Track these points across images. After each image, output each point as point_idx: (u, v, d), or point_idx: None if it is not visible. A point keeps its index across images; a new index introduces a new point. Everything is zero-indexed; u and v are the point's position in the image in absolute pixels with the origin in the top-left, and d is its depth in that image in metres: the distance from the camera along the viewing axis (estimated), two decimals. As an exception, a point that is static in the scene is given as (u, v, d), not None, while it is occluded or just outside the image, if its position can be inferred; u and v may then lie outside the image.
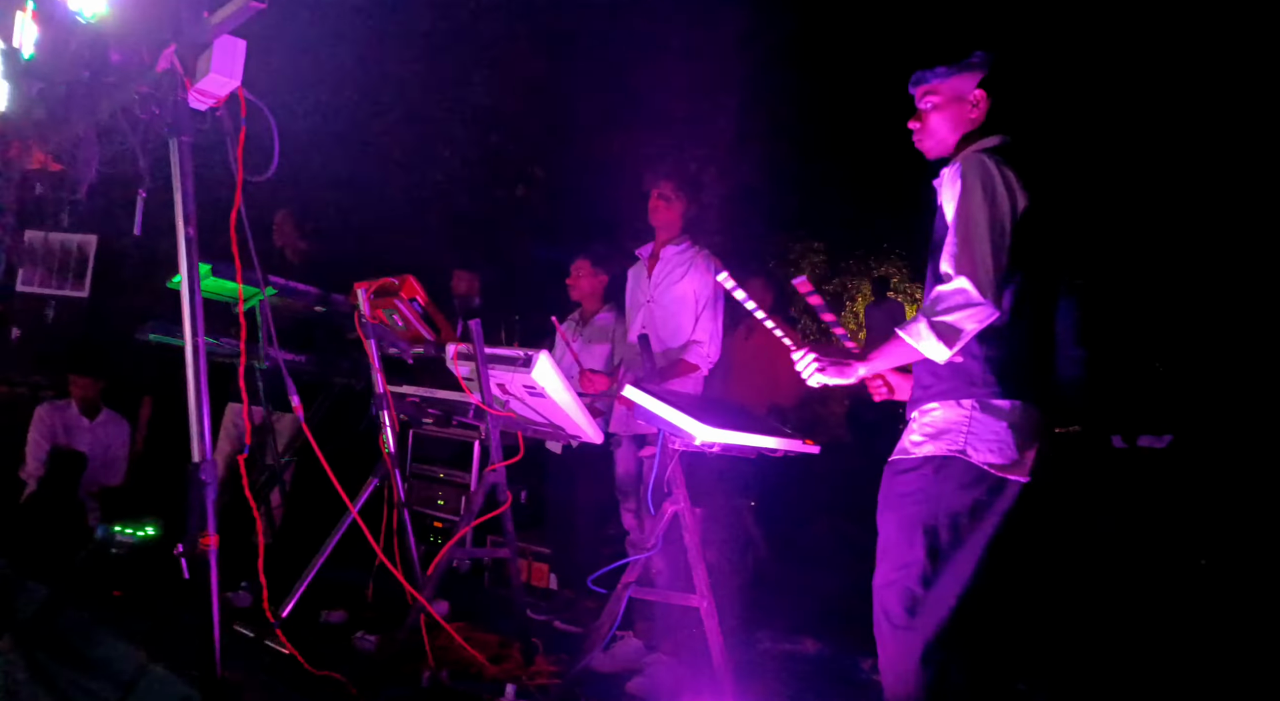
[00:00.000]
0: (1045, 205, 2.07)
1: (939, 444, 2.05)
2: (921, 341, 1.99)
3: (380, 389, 3.26)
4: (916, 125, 2.25)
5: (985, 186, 2.01)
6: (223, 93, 2.22)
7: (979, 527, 2.02)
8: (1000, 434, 2.01)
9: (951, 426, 2.04)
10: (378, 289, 3.38)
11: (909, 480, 2.07)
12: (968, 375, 2.03)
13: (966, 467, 2.01)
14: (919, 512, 2.03)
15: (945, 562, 2.01)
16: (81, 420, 4.51)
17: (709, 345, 3.59)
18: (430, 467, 5.15)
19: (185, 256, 2.10)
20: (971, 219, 2.00)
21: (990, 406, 2.02)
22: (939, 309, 1.97)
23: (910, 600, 2.01)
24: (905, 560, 2.03)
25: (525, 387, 3.10)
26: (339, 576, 4.07)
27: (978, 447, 2.01)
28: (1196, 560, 3.92)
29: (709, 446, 2.56)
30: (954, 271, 1.98)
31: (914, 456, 2.08)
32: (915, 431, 2.12)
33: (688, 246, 3.72)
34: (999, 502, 2.02)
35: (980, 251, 1.97)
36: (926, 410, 2.11)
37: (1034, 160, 2.12)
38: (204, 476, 2.02)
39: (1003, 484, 2.02)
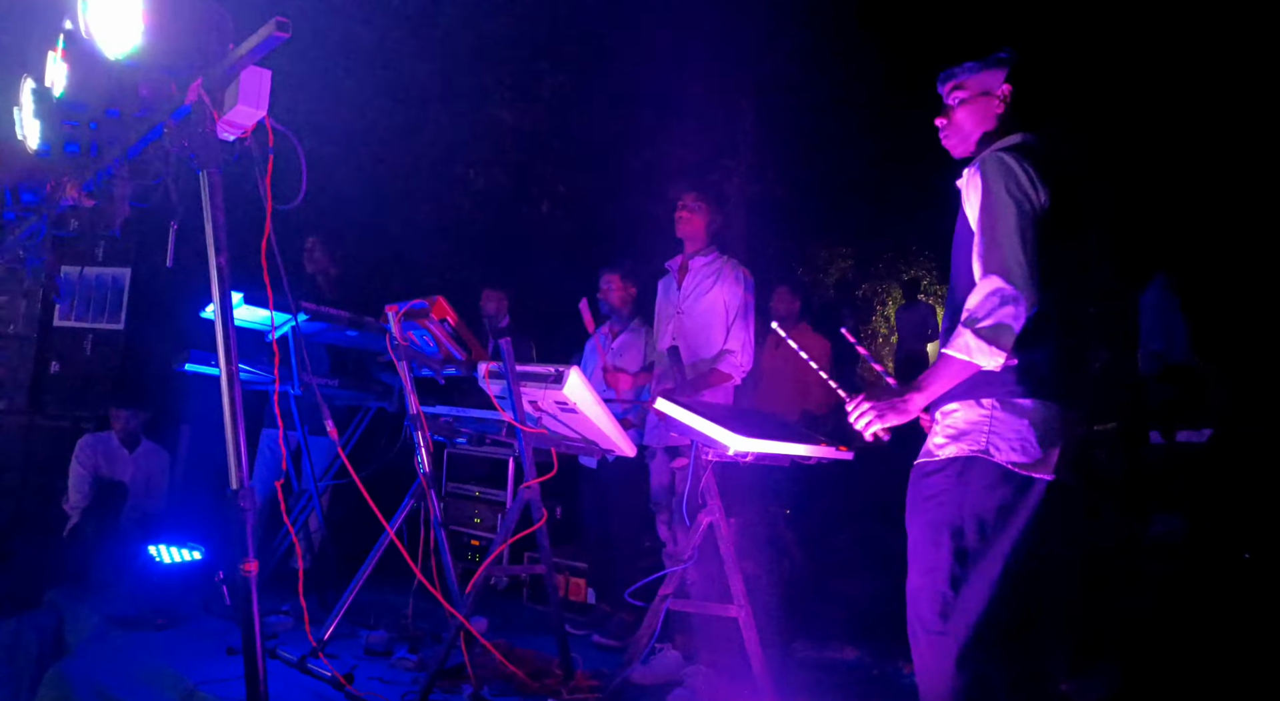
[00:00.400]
0: (1068, 202, 2.05)
1: (961, 445, 2.02)
2: (973, 354, 1.95)
3: (414, 410, 3.28)
4: (943, 122, 2.23)
5: (1008, 184, 1.99)
6: (250, 123, 2.25)
7: (1006, 528, 1.99)
8: (1022, 432, 1.98)
9: (973, 426, 2.02)
10: (408, 311, 3.40)
11: (934, 482, 2.05)
12: (987, 374, 1.99)
13: (990, 467, 1.98)
14: (945, 515, 2.01)
15: (974, 564, 1.99)
16: (122, 451, 4.59)
17: (742, 354, 3.58)
18: (466, 486, 5.17)
19: (218, 286, 2.13)
20: (997, 216, 1.98)
21: (1011, 404, 1.99)
22: (979, 315, 1.94)
23: (942, 603, 1.99)
24: (933, 563, 2.01)
25: (557, 403, 3.10)
26: (379, 597, 4.10)
27: (1000, 447, 1.98)
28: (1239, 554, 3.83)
29: (742, 456, 2.54)
30: (984, 270, 1.96)
31: (938, 458, 2.06)
32: (938, 433, 2.10)
33: (715, 256, 3.71)
34: (1025, 502, 2.00)
35: (1009, 247, 1.95)
36: (948, 411, 2.08)
37: (1057, 157, 2.10)
38: (243, 503, 2.03)
39: (1029, 482, 1.99)
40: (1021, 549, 2.00)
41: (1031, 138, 2.15)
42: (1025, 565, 2.01)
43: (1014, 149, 2.08)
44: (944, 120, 2.23)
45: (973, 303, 1.96)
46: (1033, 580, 2.05)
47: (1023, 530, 2.00)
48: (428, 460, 3.28)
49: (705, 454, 2.76)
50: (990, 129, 2.18)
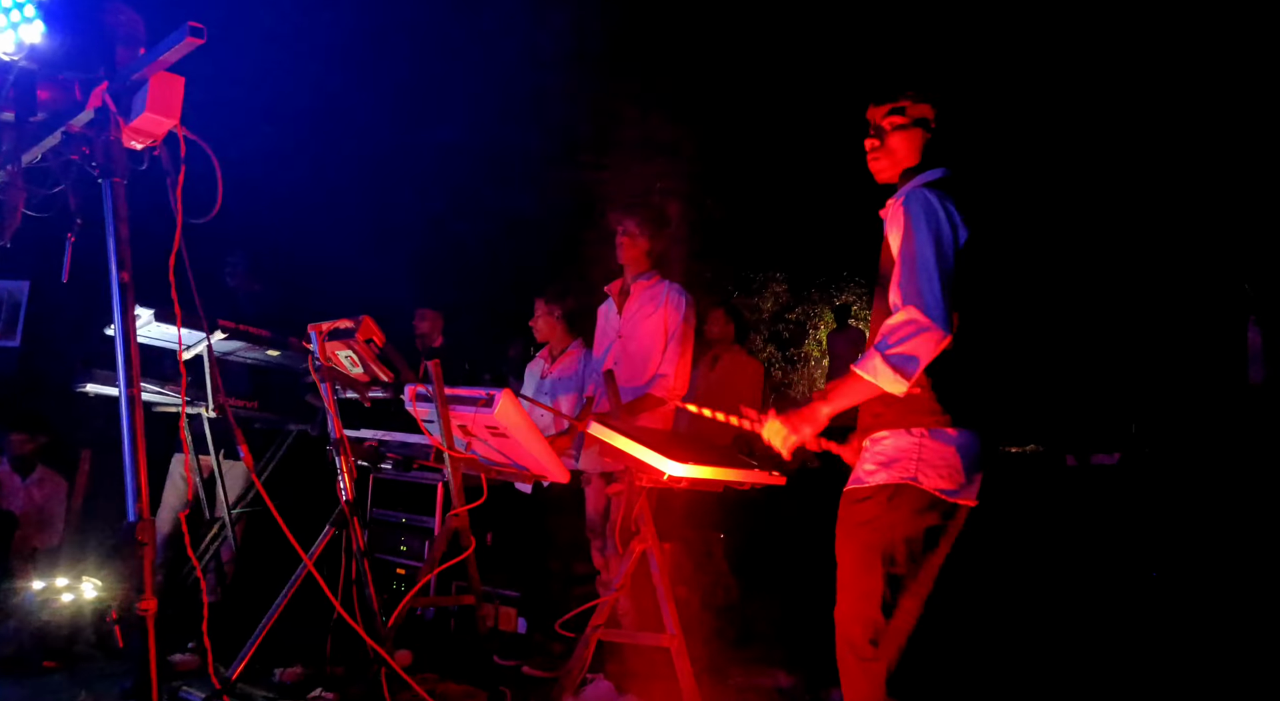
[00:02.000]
0: (986, 236, 2.12)
1: (891, 472, 2.07)
2: (879, 376, 2.00)
3: (336, 434, 3.14)
4: (876, 145, 2.27)
5: (929, 219, 2.06)
6: (160, 131, 2.13)
7: (934, 553, 2.07)
8: (949, 459, 2.04)
9: (902, 454, 2.06)
10: (333, 330, 3.27)
11: (864, 509, 2.09)
12: (916, 403, 2.06)
13: (919, 494, 2.04)
14: (875, 541, 2.05)
15: (904, 590, 2.04)
16: (14, 478, 4.27)
17: (675, 378, 3.54)
18: (392, 513, 4.99)
19: (118, 303, 1.99)
20: (916, 251, 2.04)
21: (939, 433, 2.05)
22: (891, 341, 1.99)
23: (873, 630, 2.02)
24: (865, 589, 2.05)
25: (488, 428, 3.01)
26: (296, 632, 3.91)
27: (928, 474, 2.03)
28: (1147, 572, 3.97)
29: (676, 481, 2.49)
30: (901, 301, 2.01)
31: (867, 485, 2.10)
32: (868, 460, 2.14)
33: (658, 281, 3.68)
34: (951, 527, 2.08)
35: (926, 280, 2.00)
36: (878, 438, 2.13)
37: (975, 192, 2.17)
38: (141, 536, 1.88)
39: (954, 509, 2.07)
40: (947, 573, 2.07)
41: (950, 174, 2.21)
42: (950, 589, 2.08)
43: (936, 184, 2.15)
44: (876, 142, 2.27)
45: (886, 329, 2.02)
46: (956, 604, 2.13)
47: (948, 555, 2.08)
48: (350, 486, 3.14)
49: (639, 479, 2.70)
50: (917, 160, 2.24)
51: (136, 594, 1.88)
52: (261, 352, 3.75)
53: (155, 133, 2.14)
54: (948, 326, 1.97)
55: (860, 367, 2.03)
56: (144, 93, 2.07)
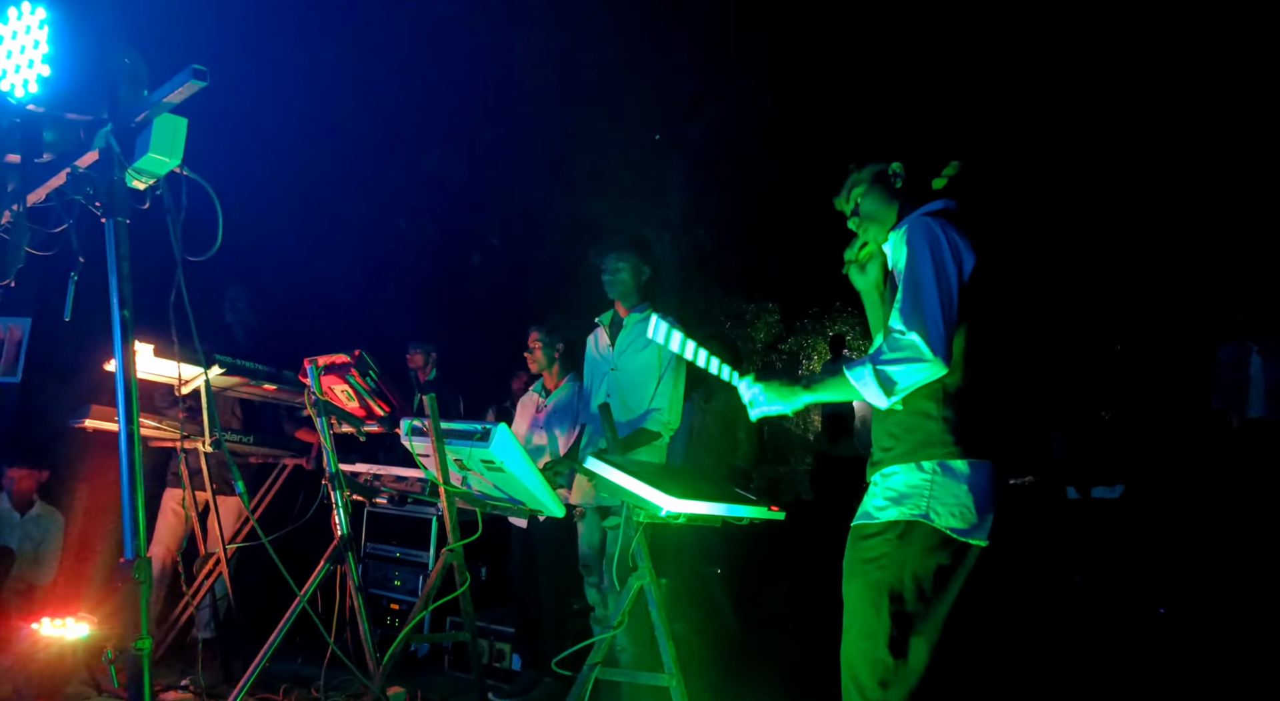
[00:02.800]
0: (995, 264, 2.11)
1: (902, 508, 2.03)
2: (865, 385, 2.01)
3: (332, 468, 3.14)
4: (856, 220, 2.30)
5: (932, 247, 2.05)
6: (162, 171, 2.16)
7: (944, 592, 2.02)
8: (961, 498, 2.01)
9: (914, 490, 2.03)
10: (328, 364, 3.28)
11: (873, 545, 2.05)
12: (926, 435, 2.03)
13: (930, 532, 2.00)
14: (885, 578, 2.01)
15: (913, 629, 1.99)
16: (12, 514, 4.24)
17: (669, 412, 3.55)
18: (386, 547, 4.97)
19: (120, 340, 2.01)
20: (920, 280, 2.03)
21: (951, 469, 2.02)
22: (886, 358, 1.99)
23: (881, 669, 1.97)
24: (873, 628, 1.99)
25: (483, 462, 3.01)
26: (290, 667, 3.87)
27: (940, 512, 2.00)
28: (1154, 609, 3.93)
29: (674, 517, 2.49)
30: (905, 328, 2.00)
31: (877, 521, 2.06)
32: (878, 495, 2.10)
33: (650, 313, 3.69)
34: (962, 567, 2.03)
35: (929, 310, 1.99)
36: (889, 474, 2.09)
37: (985, 223, 2.18)
38: (137, 574, 1.88)
39: (965, 548, 2.02)
40: (958, 613, 2.02)
41: (954, 204, 2.22)
42: (961, 629, 2.03)
43: (939, 214, 2.15)
44: (855, 220, 2.30)
45: (886, 344, 2.01)
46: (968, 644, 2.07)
47: (960, 594, 2.03)
48: (346, 520, 3.13)
49: (637, 515, 2.70)
50: (900, 204, 2.24)
51: (132, 632, 1.87)
52: (258, 387, 3.76)
53: (158, 173, 2.16)
54: (947, 359, 1.97)
55: (850, 371, 2.03)
56: (148, 134, 2.10)
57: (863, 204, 2.27)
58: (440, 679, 4.37)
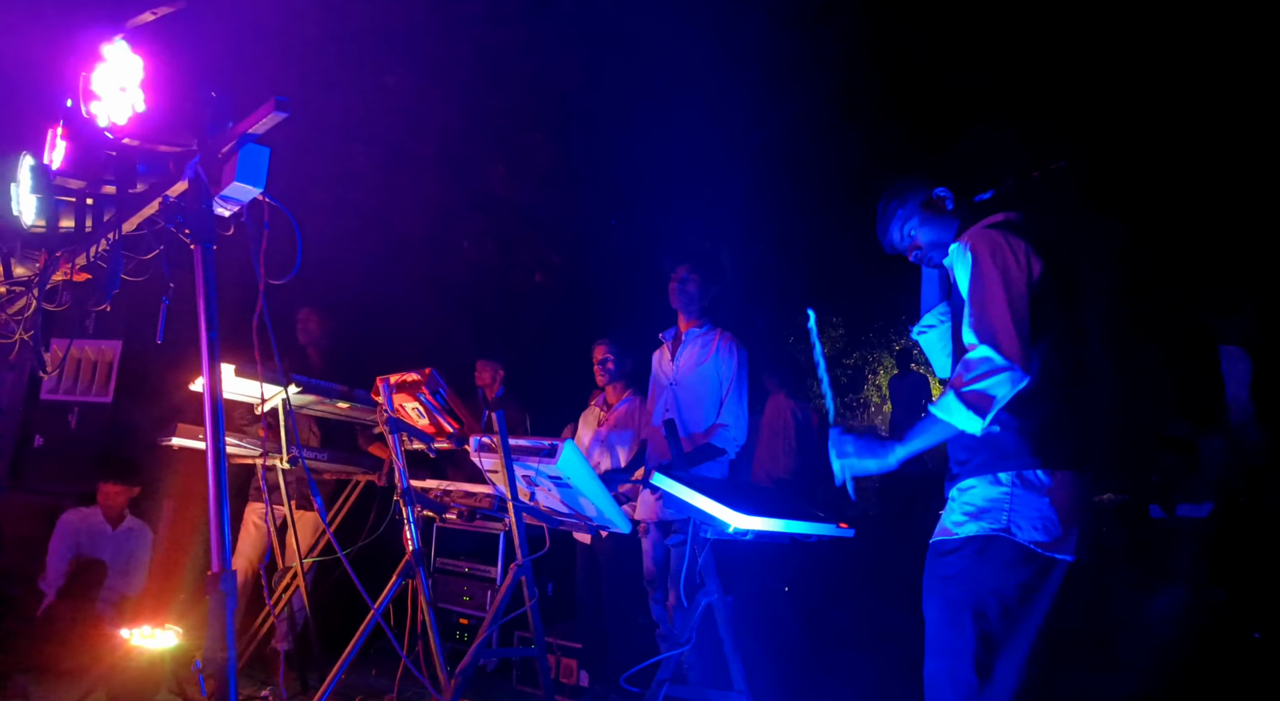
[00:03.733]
0: (1060, 273, 2.06)
1: (981, 523, 1.98)
2: (953, 414, 1.95)
3: (404, 484, 3.21)
4: (918, 252, 2.30)
5: (995, 256, 2.02)
6: (246, 199, 2.26)
7: (1030, 610, 1.95)
8: (1044, 510, 1.94)
9: (992, 504, 1.98)
10: (400, 383, 3.36)
11: (952, 562, 2.00)
12: (1001, 447, 1.98)
13: (1011, 547, 1.94)
14: (965, 596, 1.96)
15: (998, 648, 1.92)
16: (105, 528, 4.45)
17: (735, 428, 3.53)
18: (455, 562, 5.04)
19: (208, 361, 2.10)
20: (986, 288, 1.99)
21: (1030, 481, 1.96)
22: (966, 379, 1.94)
23: (966, 689, 1.92)
24: (955, 647, 1.95)
25: (550, 478, 3.04)
26: (364, 680, 3.95)
27: (1022, 526, 1.94)
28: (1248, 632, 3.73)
29: (742, 534, 2.48)
30: (976, 341, 1.96)
31: (956, 537, 2.02)
32: (955, 510, 2.05)
33: (710, 328, 3.70)
34: (1048, 583, 1.96)
35: (999, 318, 1.95)
36: (965, 487, 2.05)
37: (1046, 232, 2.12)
38: (223, 586, 1.95)
39: (1051, 564, 1.95)
40: (1047, 631, 1.95)
41: (1016, 216, 2.18)
42: (1051, 648, 1.96)
43: (1000, 225, 2.11)
44: (917, 251, 2.29)
45: (961, 368, 1.97)
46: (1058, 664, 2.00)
47: (1047, 612, 1.95)
48: (417, 536, 3.19)
49: (703, 531, 2.69)
50: (958, 223, 2.22)
51: (219, 643, 1.95)
52: (332, 405, 3.87)
53: (242, 200, 2.27)
54: (1026, 365, 1.92)
55: (935, 406, 1.99)
56: (234, 163, 2.20)
57: (921, 235, 2.26)
58: (508, 693, 4.41)
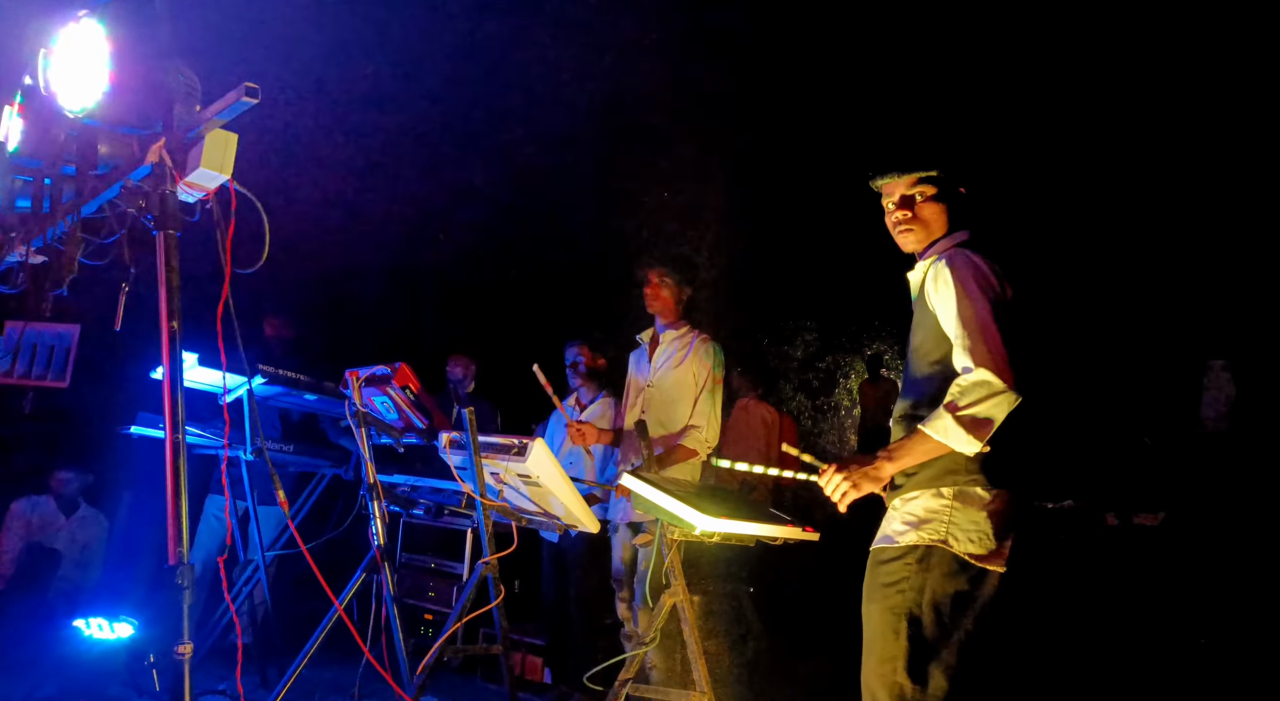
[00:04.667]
0: (1022, 292, 2.12)
1: (921, 533, 2.03)
2: (950, 437, 1.96)
3: (370, 479, 3.18)
4: (906, 216, 2.20)
5: (978, 279, 2.05)
6: (213, 186, 2.20)
7: (963, 617, 2.01)
8: (980, 524, 2.01)
9: (933, 515, 2.03)
10: (369, 376, 3.32)
11: (893, 569, 2.05)
12: (952, 463, 2.02)
13: (949, 557, 2.00)
14: (903, 602, 2.01)
15: (932, 655, 1.98)
16: (59, 516, 4.36)
17: (707, 430, 3.53)
18: (421, 558, 5.00)
19: (168, 350, 2.05)
20: (977, 312, 2.01)
21: (970, 495, 2.02)
22: (964, 403, 1.95)
23: (900, 693, 1.97)
24: (891, 652, 2.00)
25: (520, 476, 3.02)
26: (326, 674, 3.90)
27: (959, 537, 2.00)
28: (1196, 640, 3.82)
29: (708, 535, 2.47)
30: (973, 364, 1.97)
31: (897, 544, 2.06)
32: (897, 519, 2.10)
33: (687, 330, 3.70)
34: (981, 592, 2.02)
35: (992, 341, 1.98)
36: (908, 498, 2.09)
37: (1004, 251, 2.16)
38: (180, 580, 1.91)
39: (984, 574, 2.02)
40: (977, 639, 2.00)
41: (976, 235, 2.21)
42: (980, 655, 2.01)
43: (969, 245, 2.15)
44: (907, 213, 2.20)
45: (957, 390, 1.98)
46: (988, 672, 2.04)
47: (978, 620, 2.01)
48: (383, 531, 3.16)
49: (671, 532, 2.69)
50: (946, 228, 2.22)
51: (175, 637, 1.90)
52: (298, 397, 3.82)
53: (208, 186, 2.21)
54: (1021, 387, 1.95)
55: (930, 427, 1.98)
56: (199, 148, 2.15)
57: (925, 209, 2.19)
58: (473, 689, 4.38)
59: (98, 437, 4.55)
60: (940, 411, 1.98)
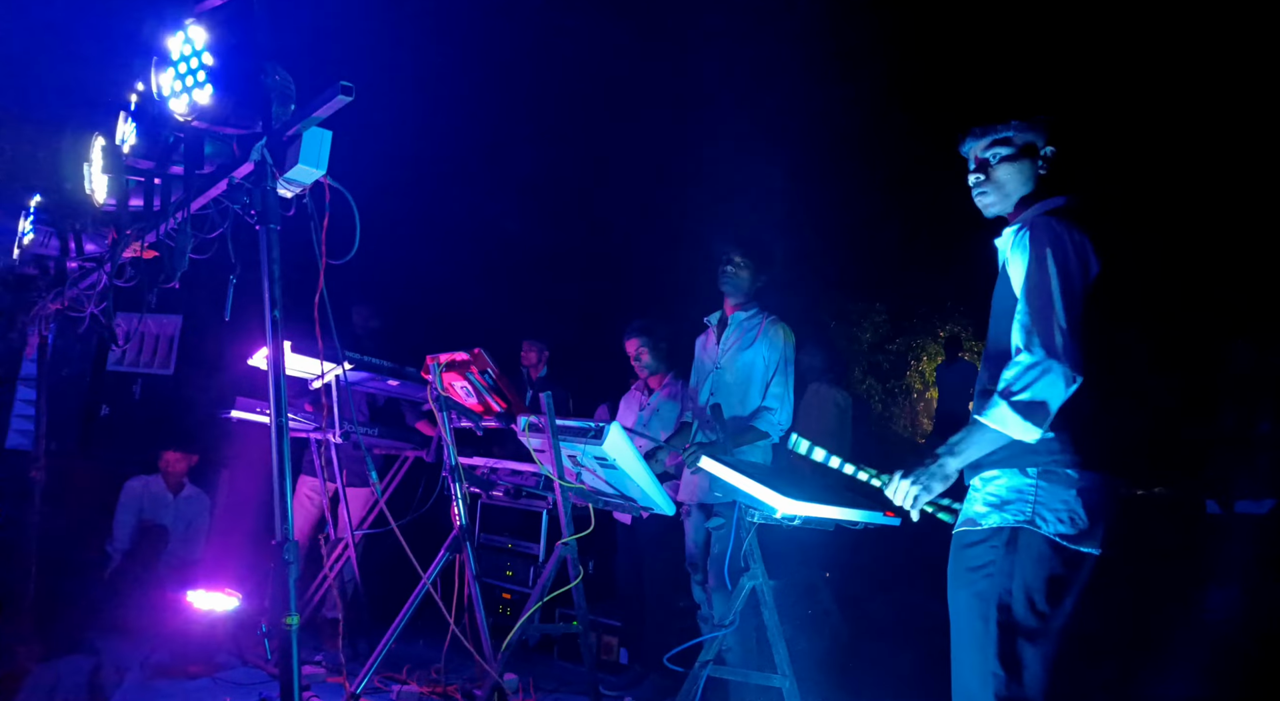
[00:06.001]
0: (1116, 269, 2.00)
1: (1005, 514, 1.95)
2: (1007, 425, 1.89)
3: (452, 461, 3.28)
4: (981, 178, 2.13)
5: (1056, 254, 1.93)
6: (309, 181, 2.31)
7: (1059, 603, 1.91)
8: (1070, 503, 1.91)
9: (1017, 495, 1.94)
10: (449, 362, 3.43)
11: (978, 553, 1.97)
12: (1032, 443, 1.92)
13: (1039, 540, 1.91)
14: (991, 588, 1.93)
15: (1026, 641, 1.89)
16: (167, 495, 4.63)
17: (780, 412, 3.53)
18: (498, 538, 5.14)
19: (271, 339, 2.16)
20: (1044, 288, 1.92)
21: (1057, 474, 1.92)
22: (1016, 388, 1.88)
23: (994, 684, 1.89)
24: (982, 640, 1.93)
25: (596, 459, 3.08)
26: (411, 649, 4.06)
27: (1047, 518, 1.91)
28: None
29: (789, 519, 2.49)
30: (1025, 345, 1.90)
31: (981, 527, 1.98)
32: (979, 500, 2.01)
33: (756, 312, 3.70)
34: (1076, 577, 1.92)
35: (1054, 319, 1.89)
36: (989, 478, 2.01)
37: (1105, 219, 2.05)
38: (286, 555, 2.02)
39: (1078, 557, 1.91)
40: (1075, 626, 1.92)
41: (1077, 201, 2.09)
42: (1079, 642, 1.93)
43: (1061, 213, 2.02)
44: (981, 175, 2.13)
45: (1011, 373, 1.90)
46: (1089, 660, 1.97)
47: (1075, 606, 1.92)
48: (464, 512, 3.27)
49: (749, 515, 2.71)
50: (1031, 190, 2.11)
51: (281, 609, 2.02)
52: (382, 383, 3.95)
53: (305, 182, 2.32)
54: (1079, 368, 1.86)
55: (985, 416, 1.91)
56: (297, 146, 2.25)
57: (999, 170, 2.11)
58: (550, 668, 4.49)
59: (199, 421, 4.80)
60: (995, 398, 1.91)
